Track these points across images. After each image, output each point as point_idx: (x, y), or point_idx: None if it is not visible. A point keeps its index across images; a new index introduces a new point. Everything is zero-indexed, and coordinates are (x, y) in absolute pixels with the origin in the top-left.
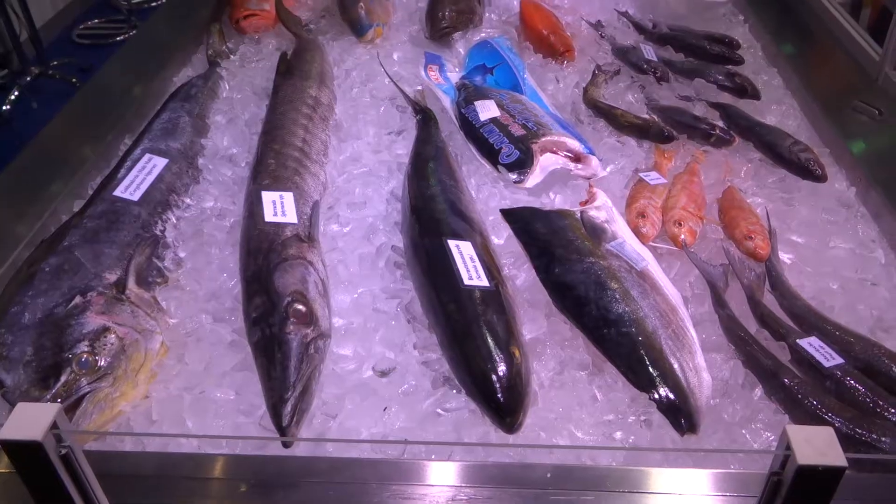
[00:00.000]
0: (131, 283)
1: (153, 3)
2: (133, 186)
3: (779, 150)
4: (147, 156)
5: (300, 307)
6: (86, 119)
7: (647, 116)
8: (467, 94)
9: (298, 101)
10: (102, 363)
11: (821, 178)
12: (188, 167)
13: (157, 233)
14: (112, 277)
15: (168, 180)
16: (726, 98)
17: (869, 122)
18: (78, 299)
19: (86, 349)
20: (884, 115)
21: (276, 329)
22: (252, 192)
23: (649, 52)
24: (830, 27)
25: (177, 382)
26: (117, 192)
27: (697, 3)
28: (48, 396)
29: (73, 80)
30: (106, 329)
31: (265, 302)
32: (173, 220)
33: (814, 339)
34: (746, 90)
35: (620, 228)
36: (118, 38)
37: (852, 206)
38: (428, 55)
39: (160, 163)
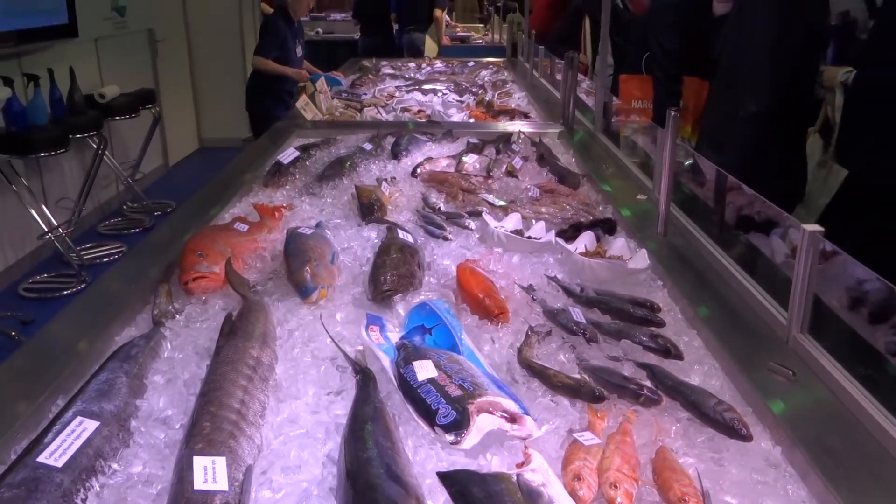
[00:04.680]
0: None
1: (105, 260)
2: (59, 452)
3: (704, 410)
4: (78, 418)
5: None
6: (20, 379)
7: (578, 376)
8: (406, 354)
9: (239, 363)
10: None
11: (746, 437)
12: (119, 430)
13: (78, 502)
14: None
15: (97, 445)
16: (652, 358)
17: (785, 382)
18: None
19: None
20: (798, 376)
21: None
22: (183, 457)
23: (578, 314)
24: (739, 291)
25: None
26: (41, 459)
27: (619, 270)
28: None
29: (13, 333)
30: None
31: None
32: (97, 487)
33: None
34: (670, 351)
35: (557, 492)
36: (65, 293)
37: (780, 465)
38: (369, 316)
39: (91, 426)
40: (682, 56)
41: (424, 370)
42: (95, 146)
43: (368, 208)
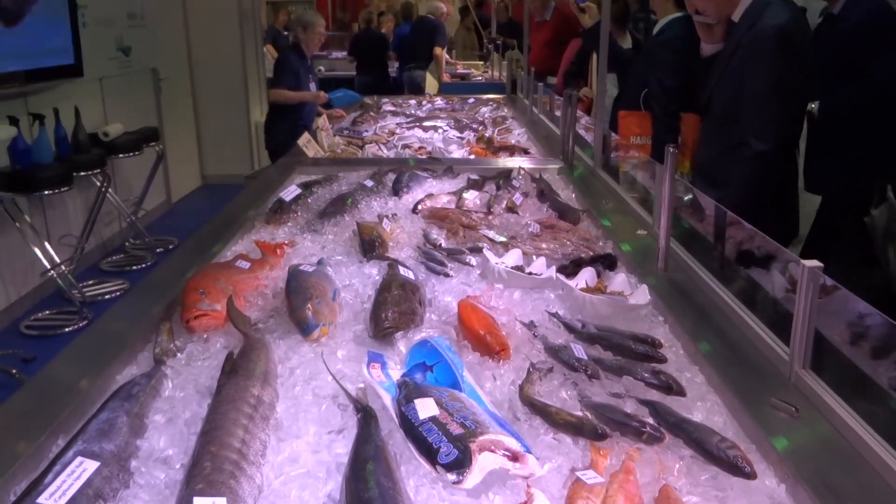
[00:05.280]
0: None
1: (107, 297)
2: (59, 493)
3: (707, 448)
4: (78, 459)
5: None
6: (20, 418)
7: (580, 414)
8: (408, 392)
9: (240, 401)
10: None
11: (750, 475)
12: (120, 470)
13: None
14: None
15: (97, 485)
16: (654, 395)
17: (788, 418)
18: None
19: None
20: (800, 412)
21: None
22: (184, 498)
23: (579, 350)
24: (740, 327)
25: None
26: (41, 500)
27: (620, 306)
28: None
29: (14, 371)
30: None
31: None
32: None
33: None
34: (672, 388)
35: None
36: (67, 330)
37: (784, 503)
38: (371, 353)
39: (91, 466)
40: (680, 93)
41: (426, 408)
42: (99, 184)
43: (370, 245)
